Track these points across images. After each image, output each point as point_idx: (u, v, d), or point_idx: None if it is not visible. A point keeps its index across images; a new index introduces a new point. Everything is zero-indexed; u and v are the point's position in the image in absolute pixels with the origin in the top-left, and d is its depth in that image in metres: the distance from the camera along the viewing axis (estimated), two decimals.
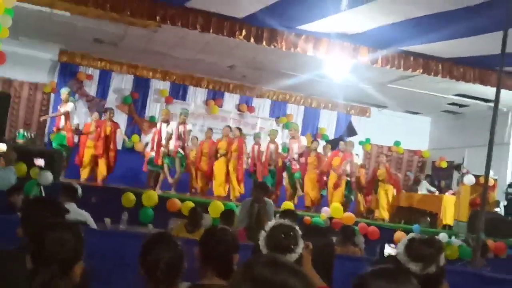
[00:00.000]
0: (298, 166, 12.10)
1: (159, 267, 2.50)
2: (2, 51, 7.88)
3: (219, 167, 11.91)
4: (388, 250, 8.31)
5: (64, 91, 11.64)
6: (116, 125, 12.00)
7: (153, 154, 11.32)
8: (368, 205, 12.85)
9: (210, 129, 13.12)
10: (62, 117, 11.32)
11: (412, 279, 1.80)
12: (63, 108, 11.39)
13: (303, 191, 12.06)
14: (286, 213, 6.25)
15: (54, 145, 11.28)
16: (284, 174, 12.55)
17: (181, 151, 11.17)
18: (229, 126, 12.66)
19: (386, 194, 12.12)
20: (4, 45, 7.94)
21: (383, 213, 12.00)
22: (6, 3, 7.69)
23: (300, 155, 12.14)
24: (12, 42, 11.05)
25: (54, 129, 11.56)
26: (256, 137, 12.87)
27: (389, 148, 16.91)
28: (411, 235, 2.72)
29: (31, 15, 10.42)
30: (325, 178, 12.22)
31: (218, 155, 11.98)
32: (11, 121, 13.61)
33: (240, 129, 12.51)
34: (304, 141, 12.45)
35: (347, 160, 11.95)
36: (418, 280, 1.86)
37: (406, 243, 2.55)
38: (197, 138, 13.14)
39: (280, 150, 12.48)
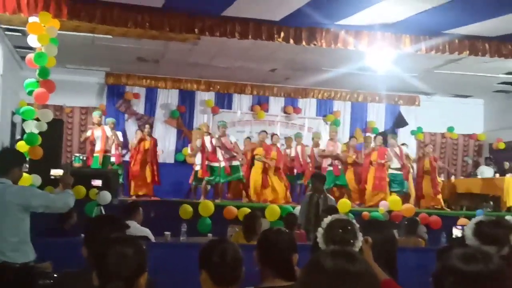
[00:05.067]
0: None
1: (226, 261, 2.49)
2: (51, 80, 8.16)
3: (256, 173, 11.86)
4: (456, 232, 7.97)
5: (96, 115, 12.00)
6: (154, 140, 12.21)
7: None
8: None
9: (265, 132, 12.64)
10: (101, 140, 11.57)
11: (494, 257, 1.69)
12: (101, 133, 11.64)
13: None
14: (328, 210, 6.17)
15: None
16: None
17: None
18: (265, 131, 12.48)
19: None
20: (52, 73, 8.21)
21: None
22: (50, 33, 7.96)
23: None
24: (59, 70, 11.41)
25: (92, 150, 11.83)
26: (297, 137, 12.79)
27: (443, 135, 16.52)
28: (477, 218, 2.62)
29: (75, 42, 10.73)
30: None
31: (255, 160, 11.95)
32: (66, 146, 14.05)
33: (277, 135, 12.51)
34: (339, 146, 12.27)
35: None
36: None
37: (473, 227, 2.46)
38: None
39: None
